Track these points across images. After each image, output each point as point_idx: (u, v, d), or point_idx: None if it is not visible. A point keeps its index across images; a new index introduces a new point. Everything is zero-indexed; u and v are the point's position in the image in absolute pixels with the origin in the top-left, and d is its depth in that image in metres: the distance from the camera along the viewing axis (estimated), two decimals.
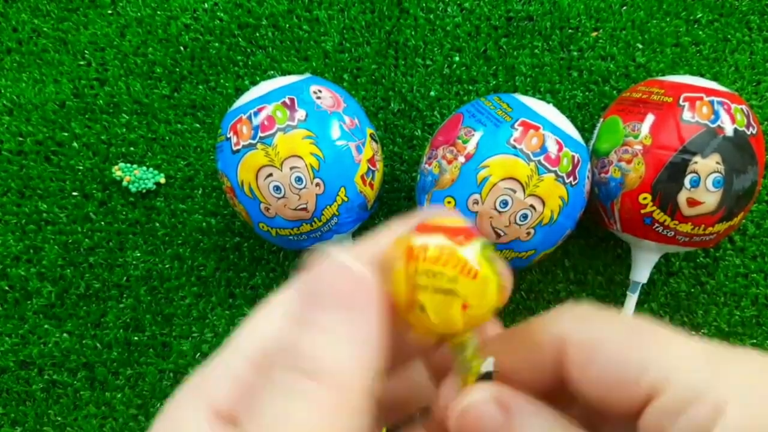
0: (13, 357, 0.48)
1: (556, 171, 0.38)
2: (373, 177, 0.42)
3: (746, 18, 0.50)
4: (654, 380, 0.14)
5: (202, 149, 0.50)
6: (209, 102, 0.51)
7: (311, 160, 0.39)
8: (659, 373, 0.14)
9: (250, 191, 0.40)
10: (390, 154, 0.50)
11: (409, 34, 0.51)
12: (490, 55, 0.51)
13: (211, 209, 0.50)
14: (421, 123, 0.50)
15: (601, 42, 0.50)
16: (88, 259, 0.49)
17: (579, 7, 0.50)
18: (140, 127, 0.50)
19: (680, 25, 0.50)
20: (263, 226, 0.42)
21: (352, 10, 0.51)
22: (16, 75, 0.51)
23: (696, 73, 0.50)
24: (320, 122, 0.40)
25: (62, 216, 0.50)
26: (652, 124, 0.40)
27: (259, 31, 0.51)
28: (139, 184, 0.49)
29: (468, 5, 0.51)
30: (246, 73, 0.51)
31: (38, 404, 0.48)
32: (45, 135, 0.50)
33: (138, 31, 0.51)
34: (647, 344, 0.15)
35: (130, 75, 0.51)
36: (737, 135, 0.39)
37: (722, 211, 0.40)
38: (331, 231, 0.42)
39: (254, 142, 0.39)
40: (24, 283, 0.49)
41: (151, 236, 0.50)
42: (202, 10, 0.51)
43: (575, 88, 0.50)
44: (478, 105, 0.41)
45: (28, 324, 0.49)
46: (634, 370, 0.15)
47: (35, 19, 0.52)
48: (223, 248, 0.50)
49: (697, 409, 0.14)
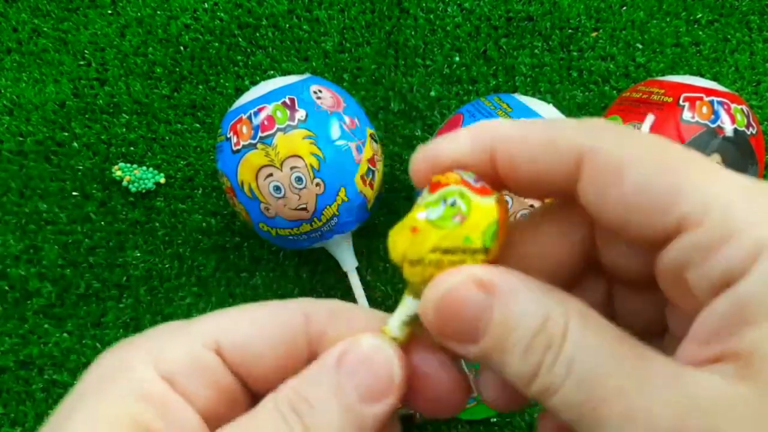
0: (13, 357, 0.48)
1: None
2: (373, 177, 0.42)
3: (746, 18, 0.50)
4: (687, 211, 0.12)
5: (202, 149, 0.50)
6: (209, 102, 0.51)
7: (311, 160, 0.39)
8: (694, 202, 0.12)
9: (250, 191, 0.40)
10: (390, 154, 0.50)
11: (409, 34, 0.51)
12: (490, 55, 0.51)
13: (211, 209, 0.50)
14: (421, 123, 0.50)
15: (601, 42, 0.50)
16: (88, 259, 0.49)
17: (579, 7, 0.50)
18: (140, 127, 0.50)
19: (680, 25, 0.50)
20: (263, 226, 0.42)
21: (352, 10, 0.51)
22: (16, 75, 0.51)
23: (696, 73, 0.50)
24: (320, 122, 0.40)
25: (62, 216, 0.50)
26: (652, 124, 0.40)
27: (259, 31, 0.51)
28: (139, 184, 0.49)
29: (468, 5, 0.51)
30: (246, 73, 0.51)
31: (38, 404, 0.48)
32: (45, 135, 0.50)
33: (138, 31, 0.51)
34: (681, 169, 0.13)
35: (130, 75, 0.51)
36: (737, 135, 0.39)
37: None
38: (331, 231, 0.42)
39: (254, 142, 0.39)
40: (24, 283, 0.49)
41: (151, 236, 0.50)
42: (202, 10, 0.51)
43: (575, 88, 0.50)
44: (478, 105, 0.41)
45: (28, 324, 0.49)
46: (665, 198, 0.13)
47: (35, 19, 0.52)
48: (223, 248, 0.50)
49: (733, 248, 0.12)
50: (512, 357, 0.13)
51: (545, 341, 0.13)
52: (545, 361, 0.13)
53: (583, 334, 0.13)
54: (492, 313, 0.14)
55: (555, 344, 0.13)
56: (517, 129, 0.15)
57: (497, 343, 0.14)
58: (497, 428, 0.47)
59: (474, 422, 0.47)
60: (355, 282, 0.45)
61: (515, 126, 0.15)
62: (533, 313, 0.13)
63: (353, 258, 0.45)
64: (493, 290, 0.14)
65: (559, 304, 0.13)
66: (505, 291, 0.14)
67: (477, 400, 0.46)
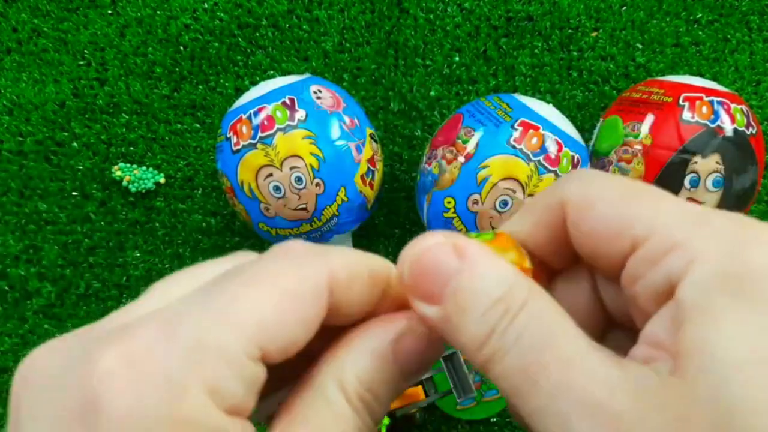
0: (13, 357, 0.48)
1: (556, 171, 0.38)
2: (373, 177, 0.42)
3: (746, 18, 0.50)
4: (638, 233, 0.15)
5: (202, 149, 0.50)
6: (209, 102, 0.51)
7: (311, 160, 0.39)
8: (644, 225, 0.15)
9: (250, 191, 0.40)
10: (390, 154, 0.50)
11: (409, 34, 0.51)
12: (490, 55, 0.51)
13: (211, 209, 0.50)
14: (421, 123, 0.50)
15: (601, 42, 0.50)
16: (88, 259, 0.49)
17: (579, 7, 0.50)
18: (140, 127, 0.50)
19: (680, 25, 0.50)
20: (263, 226, 0.42)
21: (352, 10, 0.51)
22: (16, 75, 0.51)
23: (696, 73, 0.50)
24: (320, 122, 0.40)
25: (62, 216, 0.50)
26: (652, 124, 0.40)
27: (259, 31, 0.51)
28: (138, 184, 0.49)
29: (468, 5, 0.51)
30: (246, 73, 0.51)
31: None
32: (45, 135, 0.50)
33: (138, 31, 0.51)
34: (638, 201, 0.15)
35: (130, 75, 0.51)
36: (737, 135, 0.39)
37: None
38: (331, 231, 0.42)
39: (254, 142, 0.39)
40: (24, 283, 0.49)
41: (151, 236, 0.50)
42: (202, 10, 0.51)
43: (575, 88, 0.50)
44: (478, 105, 0.41)
45: (28, 324, 0.49)
46: (622, 224, 0.15)
47: (35, 19, 0.52)
48: (223, 248, 0.50)
49: (671, 258, 0.14)
50: (469, 319, 0.14)
51: (503, 308, 0.14)
52: (498, 327, 0.14)
53: (540, 309, 0.14)
54: (460, 277, 0.15)
55: (511, 312, 0.14)
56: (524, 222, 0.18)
57: (458, 308, 0.15)
58: (497, 428, 0.47)
59: (474, 422, 0.47)
60: None
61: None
62: (498, 283, 0.15)
63: None
64: (466, 257, 0.15)
65: (525, 282, 0.15)
66: (477, 260, 0.15)
67: (477, 400, 0.46)
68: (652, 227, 0.14)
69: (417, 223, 0.49)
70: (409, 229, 0.50)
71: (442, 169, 0.40)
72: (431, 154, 0.41)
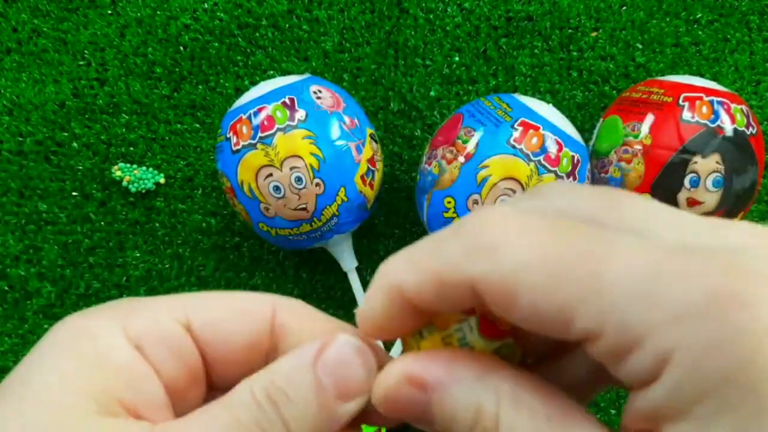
0: (13, 357, 0.48)
1: (555, 171, 0.38)
2: (372, 177, 0.42)
3: (746, 18, 0.50)
4: (584, 327, 0.12)
5: (202, 149, 0.50)
6: (209, 102, 0.51)
7: (311, 160, 0.39)
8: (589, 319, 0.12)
9: (249, 191, 0.40)
10: (390, 154, 0.50)
11: (409, 34, 0.51)
12: (490, 55, 0.51)
13: (211, 209, 0.50)
14: (421, 123, 0.50)
15: (600, 42, 0.50)
16: (88, 259, 0.49)
17: (579, 7, 0.50)
18: (140, 127, 0.50)
19: (680, 25, 0.50)
20: (263, 226, 0.42)
21: (352, 10, 0.51)
22: (16, 75, 0.51)
23: (696, 73, 0.50)
24: (320, 122, 0.40)
25: (62, 216, 0.50)
26: (652, 124, 0.40)
27: (259, 31, 0.51)
28: (138, 184, 0.49)
29: (468, 5, 0.51)
30: (246, 73, 0.51)
31: None
32: (45, 135, 0.50)
33: (138, 31, 0.51)
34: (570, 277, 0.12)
35: (130, 75, 0.51)
36: (737, 135, 0.39)
37: (722, 211, 0.40)
38: (331, 231, 0.42)
39: (254, 142, 0.39)
40: (24, 283, 0.49)
41: (150, 236, 0.50)
42: (202, 10, 0.51)
43: (575, 88, 0.50)
44: (478, 105, 0.41)
45: (28, 324, 0.49)
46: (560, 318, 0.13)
47: (35, 19, 0.52)
48: (223, 248, 0.50)
49: (638, 359, 0.12)
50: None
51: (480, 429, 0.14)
52: None
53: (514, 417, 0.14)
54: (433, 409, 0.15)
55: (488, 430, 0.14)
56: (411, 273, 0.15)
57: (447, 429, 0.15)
58: None
59: None
60: (355, 282, 0.45)
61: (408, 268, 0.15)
62: (465, 406, 0.14)
63: (353, 258, 0.45)
64: (426, 387, 0.15)
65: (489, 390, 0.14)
66: (437, 387, 0.15)
67: None
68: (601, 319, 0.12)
69: (417, 223, 0.49)
70: (409, 229, 0.50)
71: (442, 169, 0.40)
72: (431, 154, 0.41)
